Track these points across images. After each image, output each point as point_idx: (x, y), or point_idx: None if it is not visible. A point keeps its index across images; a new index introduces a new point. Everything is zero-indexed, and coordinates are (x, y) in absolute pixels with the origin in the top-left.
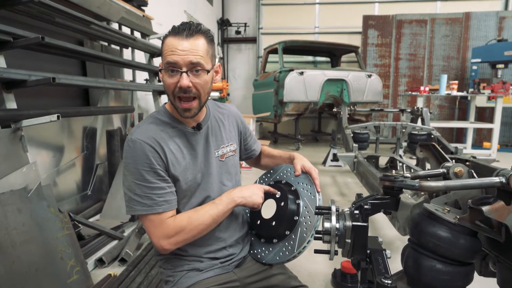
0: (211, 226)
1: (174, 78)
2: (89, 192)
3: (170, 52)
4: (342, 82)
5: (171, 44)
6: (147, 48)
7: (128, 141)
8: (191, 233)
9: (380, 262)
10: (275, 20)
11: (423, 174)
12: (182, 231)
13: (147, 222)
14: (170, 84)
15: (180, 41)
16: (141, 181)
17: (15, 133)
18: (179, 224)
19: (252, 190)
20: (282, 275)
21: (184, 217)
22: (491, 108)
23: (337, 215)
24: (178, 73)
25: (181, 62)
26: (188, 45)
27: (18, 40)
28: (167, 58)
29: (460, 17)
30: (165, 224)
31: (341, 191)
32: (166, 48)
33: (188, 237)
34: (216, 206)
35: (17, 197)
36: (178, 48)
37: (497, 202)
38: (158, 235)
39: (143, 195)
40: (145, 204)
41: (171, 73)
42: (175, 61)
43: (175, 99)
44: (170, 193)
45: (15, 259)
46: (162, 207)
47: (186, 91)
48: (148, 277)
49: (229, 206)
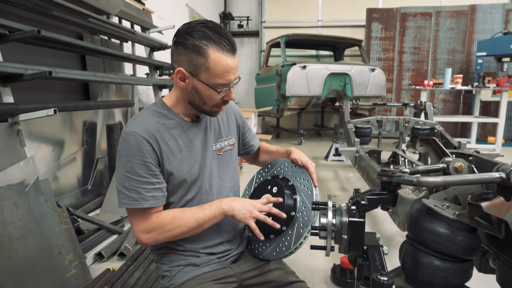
0: (194, 229)
1: (222, 93)
2: (89, 187)
3: (226, 74)
4: (345, 76)
5: (225, 64)
6: (148, 42)
7: (123, 133)
8: (172, 233)
9: (377, 258)
10: (278, 14)
11: (422, 169)
12: (163, 228)
13: (131, 215)
14: (217, 99)
15: (232, 60)
16: (131, 174)
17: (12, 127)
18: (161, 221)
19: (244, 205)
20: (280, 271)
21: (168, 215)
22: (496, 102)
23: (334, 210)
24: (227, 88)
25: (233, 80)
26: (236, 62)
27: (14, 33)
28: (224, 80)
29: (465, 10)
30: (148, 218)
31: (342, 186)
32: (220, 68)
33: (168, 236)
34: (203, 211)
35: (14, 191)
36: (232, 68)
37: (497, 198)
38: (139, 228)
39: (131, 188)
40: (131, 198)
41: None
42: (231, 80)
43: (213, 107)
44: (158, 189)
45: (13, 254)
46: (148, 202)
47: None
48: (147, 271)
49: (216, 213)
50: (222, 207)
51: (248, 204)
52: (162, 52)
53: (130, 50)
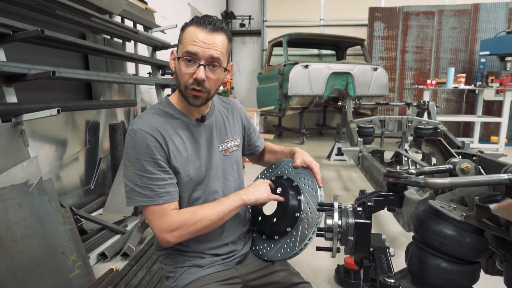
0: (216, 222)
1: (190, 68)
2: (92, 186)
3: (192, 42)
4: (348, 76)
5: (194, 34)
6: (150, 41)
7: (129, 131)
8: (195, 227)
9: (384, 260)
10: (280, 13)
11: (428, 170)
12: (186, 224)
13: (149, 213)
14: (185, 74)
15: (203, 33)
16: (142, 171)
17: (15, 127)
18: (183, 217)
19: (258, 186)
20: (284, 272)
21: (189, 211)
22: (499, 102)
23: (340, 212)
24: (196, 64)
25: (201, 54)
26: (211, 39)
27: (18, 33)
28: (187, 47)
29: (468, 9)
30: (169, 216)
31: (345, 186)
32: (187, 36)
33: (192, 231)
34: (223, 203)
35: (18, 191)
36: (200, 40)
37: (505, 200)
38: (161, 227)
39: (143, 186)
40: (145, 195)
41: (188, 63)
42: (195, 51)
43: (186, 90)
44: (171, 185)
45: (16, 254)
46: (163, 198)
47: (200, 83)
48: (150, 271)
49: (236, 204)
50: (242, 197)
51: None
52: (165, 52)
53: (133, 50)
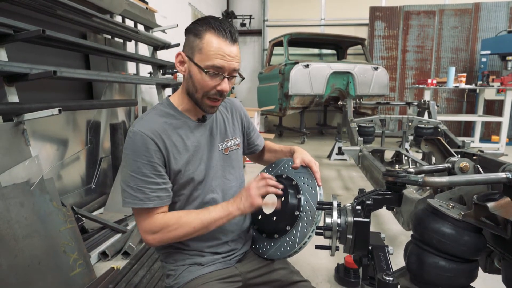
0: (199, 231)
1: (214, 80)
2: (93, 186)
3: (218, 56)
4: (348, 75)
5: (219, 47)
6: (151, 41)
7: (129, 132)
8: (176, 233)
9: (382, 258)
10: (281, 12)
11: (427, 169)
12: (167, 228)
13: (137, 215)
14: (209, 86)
15: (227, 46)
16: (137, 173)
17: (17, 126)
18: (166, 222)
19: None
20: (284, 270)
21: (174, 216)
22: (500, 101)
23: (339, 210)
24: (220, 76)
25: (226, 68)
26: (233, 51)
27: (19, 33)
28: (214, 61)
29: (469, 8)
30: (153, 219)
31: (345, 185)
32: (211, 48)
33: (173, 236)
34: (209, 212)
35: (19, 190)
36: (226, 53)
37: (503, 199)
38: (144, 228)
39: (136, 187)
40: (136, 197)
41: (212, 76)
42: (222, 65)
43: (204, 97)
44: (164, 190)
45: (18, 253)
46: (153, 202)
47: (222, 94)
48: (151, 270)
49: (221, 215)
50: (229, 208)
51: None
52: (165, 51)
53: (134, 49)
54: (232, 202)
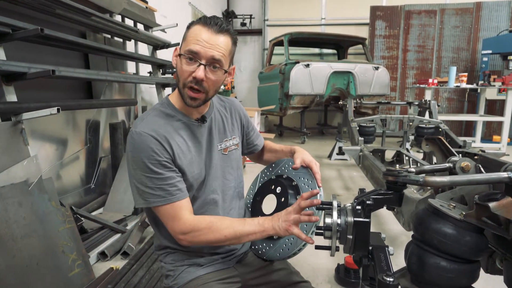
0: (231, 240)
1: (190, 66)
2: (92, 186)
3: (195, 41)
4: (349, 75)
5: (198, 33)
6: (150, 40)
7: (132, 133)
8: (207, 237)
9: (382, 259)
10: (281, 12)
11: (428, 168)
12: (198, 232)
13: (163, 215)
14: (184, 72)
15: (208, 33)
16: (150, 173)
17: (15, 126)
18: (197, 225)
19: (281, 220)
20: (284, 271)
21: (205, 219)
22: (502, 101)
23: (339, 210)
24: (196, 63)
25: (202, 54)
26: (215, 39)
27: (18, 32)
28: (190, 46)
29: (470, 7)
30: (181, 219)
31: (346, 185)
32: (191, 35)
33: (203, 240)
34: (244, 224)
35: (18, 190)
36: (204, 39)
37: (505, 198)
38: (175, 229)
39: (155, 187)
40: (159, 196)
41: (189, 61)
42: (197, 50)
43: (184, 87)
44: (181, 181)
45: (16, 253)
46: (176, 195)
47: (198, 83)
48: (150, 270)
49: (257, 230)
50: (264, 225)
51: (284, 216)
52: (165, 51)
53: (133, 49)
54: (269, 220)
